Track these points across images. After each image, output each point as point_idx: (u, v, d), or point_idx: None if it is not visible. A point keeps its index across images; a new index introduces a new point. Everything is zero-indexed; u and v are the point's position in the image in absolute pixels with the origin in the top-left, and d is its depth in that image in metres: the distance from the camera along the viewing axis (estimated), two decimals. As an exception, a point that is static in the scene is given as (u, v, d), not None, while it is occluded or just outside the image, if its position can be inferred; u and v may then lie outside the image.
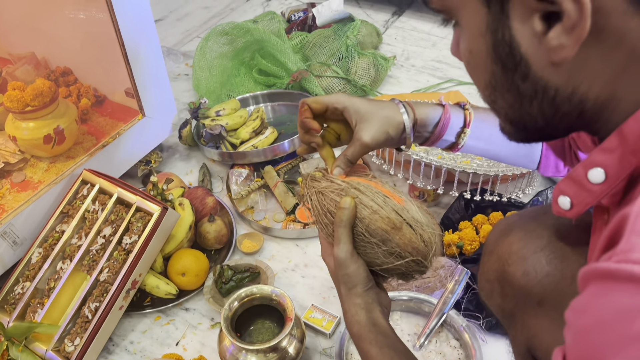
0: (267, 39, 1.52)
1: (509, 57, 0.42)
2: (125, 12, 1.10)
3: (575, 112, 0.43)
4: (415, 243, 0.63)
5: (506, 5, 0.40)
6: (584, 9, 0.36)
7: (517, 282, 0.61)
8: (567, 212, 0.48)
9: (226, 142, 1.33)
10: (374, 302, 0.65)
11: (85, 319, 0.96)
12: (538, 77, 0.42)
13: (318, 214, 0.67)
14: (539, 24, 0.39)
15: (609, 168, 0.43)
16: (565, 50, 0.39)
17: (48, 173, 1.17)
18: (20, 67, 1.35)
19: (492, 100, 0.47)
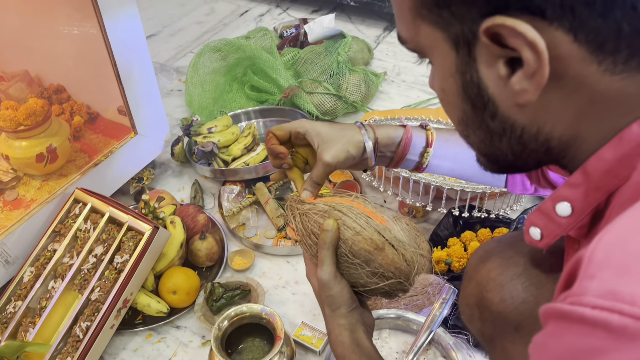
0: (259, 56, 1.54)
1: (477, 97, 0.44)
2: (116, 30, 1.11)
3: (541, 149, 0.45)
4: (398, 263, 0.64)
5: (473, 50, 0.42)
6: (542, 57, 0.38)
7: (494, 308, 0.63)
8: (538, 242, 0.50)
9: (218, 159, 1.35)
10: (357, 322, 0.67)
11: (76, 338, 0.97)
12: (505, 117, 0.44)
13: (302, 236, 0.68)
14: (504, 69, 0.41)
15: (574, 202, 0.45)
16: (527, 94, 0.40)
17: (40, 191, 1.18)
18: (13, 84, 1.36)
19: (466, 135, 0.49)
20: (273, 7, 2.17)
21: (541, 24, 0.38)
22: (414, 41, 0.46)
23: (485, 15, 0.39)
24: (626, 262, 0.32)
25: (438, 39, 0.43)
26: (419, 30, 0.45)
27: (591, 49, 0.38)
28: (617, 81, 0.39)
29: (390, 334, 0.99)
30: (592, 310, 0.32)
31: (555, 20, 0.37)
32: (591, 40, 0.38)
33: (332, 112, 1.51)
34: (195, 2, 2.24)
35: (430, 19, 0.43)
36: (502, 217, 1.16)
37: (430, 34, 0.44)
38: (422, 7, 0.43)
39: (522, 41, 0.38)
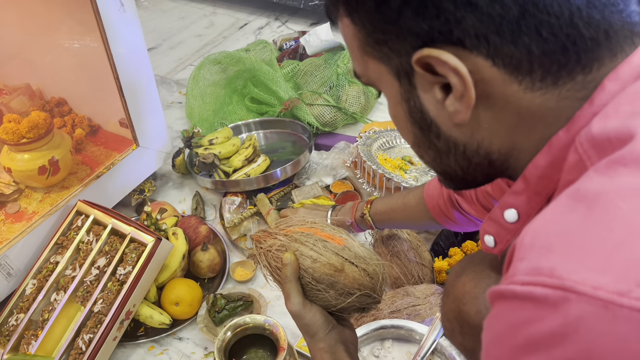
0: (259, 68, 1.55)
1: (422, 120, 0.48)
2: (118, 43, 1.12)
3: (485, 162, 0.49)
4: (360, 279, 0.68)
5: (412, 79, 0.46)
6: (466, 81, 0.42)
7: (472, 320, 0.65)
8: (492, 249, 0.54)
9: (219, 170, 1.35)
10: (337, 343, 0.70)
11: (79, 350, 0.97)
12: (448, 136, 0.48)
13: (270, 273, 0.73)
14: (439, 93, 0.45)
15: (519, 208, 0.49)
16: (460, 114, 0.45)
17: (42, 204, 1.18)
18: (15, 98, 1.37)
19: (420, 156, 0.53)
20: (272, 20, 2.19)
21: (463, 52, 0.42)
22: (366, 75, 0.51)
23: (416, 48, 0.43)
24: (548, 242, 0.36)
25: (383, 71, 0.48)
26: (367, 65, 0.49)
27: (509, 71, 0.42)
28: (538, 97, 0.43)
29: (394, 344, 0.99)
30: (521, 287, 0.35)
31: (474, 49, 0.42)
32: (508, 64, 0.42)
33: (332, 124, 1.52)
34: (194, 16, 2.26)
35: (374, 55, 0.48)
36: (502, 226, 1.16)
37: (376, 68, 0.48)
38: (366, 45, 0.47)
39: (448, 68, 0.42)
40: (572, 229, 0.35)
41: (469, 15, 0.41)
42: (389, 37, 0.45)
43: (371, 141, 1.36)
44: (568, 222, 0.36)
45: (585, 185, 0.37)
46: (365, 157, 1.25)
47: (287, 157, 1.42)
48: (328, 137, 1.51)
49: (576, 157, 0.41)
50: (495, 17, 0.40)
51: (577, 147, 0.41)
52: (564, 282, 0.33)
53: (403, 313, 1.00)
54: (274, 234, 0.73)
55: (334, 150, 1.41)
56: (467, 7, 0.40)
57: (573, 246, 0.35)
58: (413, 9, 0.42)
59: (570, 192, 0.38)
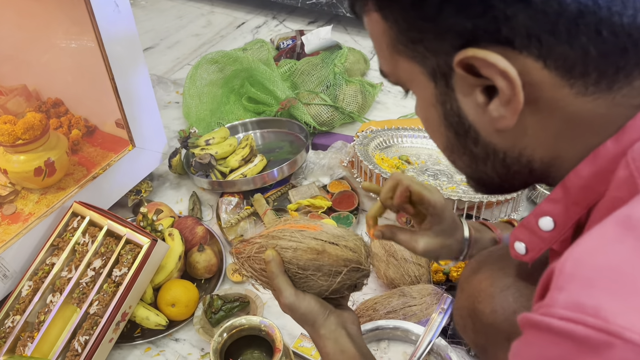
0: (256, 68, 1.55)
1: (459, 125, 0.45)
2: (113, 44, 1.12)
3: (525, 170, 0.46)
4: (343, 255, 0.68)
5: (450, 81, 0.43)
6: (515, 85, 0.39)
7: (486, 319, 0.64)
8: (523, 257, 0.52)
9: (216, 170, 1.35)
10: (337, 327, 0.68)
11: (75, 352, 0.97)
12: (487, 142, 0.45)
13: (256, 277, 0.72)
14: (481, 97, 0.42)
15: (556, 217, 0.46)
16: (505, 120, 0.42)
17: (39, 205, 1.18)
18: (11, 99, 1.37)
19: (452, 161, 0.51)
20: (270, 19, 2.18)
21: (511, 53, 0.39)
22: (394, 75, 0.48)
23: (458, 48, 0.40)
24: (592, 275, 0.33)
25: (416, 72, 0.45)
26: (397, 64, 0.46)
27: (561, 74, 0.39)
28: (589, 102, 0.40)
29: (390, 345, 0.99)
30: (559, 321, 0.33)
31: (524, 49, 0.39)
32: (560, 66, 0.39)
33: (329, 123, 1.52)
34: (192, 15, 2.25)
35: (406, 54, 0.44)
36: (499, 226, 1.16)
37: (408, 67, 0.45)
38: (397, 43, 0.44)
39: (495, 71, 0.39)
40: (621, 264, 0.33)
41: (520, 12, 0.37)
42: (425, 36, 0.42)
43: (368, 141, 1.36)
44: (616, 254, 0.33)
45: (637, 213, 0.35)
46: (362, 156, 1.25)
47: (284, 157, 1.42)
48: (325, 137, 1.50)
49: (627, 173, 0.38)
50: (551, 15, 0.37)
51: (629, 162, 0.38)
52: (609, 325, 0.31)
53: (399, 313, 1.00)
54: (251, 240, 0.74)
55: (331, 150, 1.41)
56: (519, 4, 0.37)
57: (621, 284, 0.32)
58: (455, 6, 0.39)
59: (620, 218, 0.35)
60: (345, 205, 1.28)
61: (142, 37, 1.20)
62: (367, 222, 0.75)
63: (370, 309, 1.01)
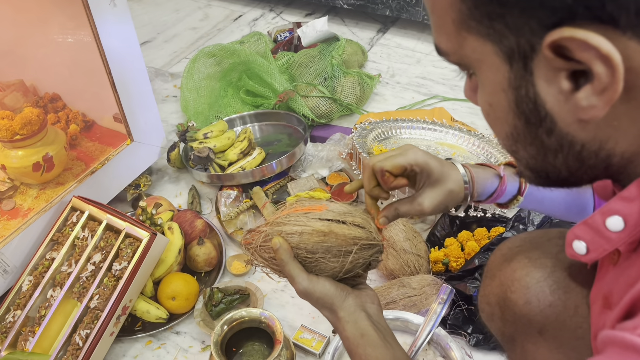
0: (254, 60, 1.55)
1: (532, 112, 0.41)
2: (110, 38, 1.12)
3: (601, 165, 0.42)
4: (352, 233, 0.66)
5: (529, 64, 0.38)
6: (617, 72, 0.35)
7: (518, 310, 0.62)
8: (582, 257, 0.48)
9: (214, 164, 1.35)
10: (356, 309, 0.65)
11: (76, 346, 0.97)
12: (564, 133, 0.41)
13: (269, 266, 0.70)
14: (566, 83, 0.37)
15: (628, 217, 0.42)
16: (595, 110, 0.37)
17: (38, 200, 1.18)
18: (8, 94, 1.37)
19: (514, 151, 0.46)
20: (267, 11, 2.18)
21: (613, 34, 0.34)
22: (458, 54, 0.43)
23: (549, 26, 0.35)
24: None
25: (487, 52, 0.40)
26: (464, 42, 0.41)
27: None
28: None
29: (390, 335, 1.00)
30: None
31: (629, 29, 0.34)
32: None
33: (327, 115, 1.51)
34: (189, 8, 2.24)
35: (479, 31, 0.40)
36: (498, 216, 1.16)
37: (478, 47, 0.41)
38: (469, 18, 0.39)
39: (594, 54, 0.35)
40: None
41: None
42: (509, 11, 0.37)
43: (367, 132, 1.35)
44: None
45: None
46: (361, 148, 1.25)
47: (282, 150, 1.42)
48: (323, 129, 1.50)
49: None
50: None
51: None
52: None
53: (399, 304, 1.00)
54: (257, 229, 0.72)
55: (330, 142, 1.41)
56: None
57: None
58: None
59: None
60: (345, 197, 1.28)
61: (138, 31, 1.20)
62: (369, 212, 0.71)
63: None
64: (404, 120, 1.42)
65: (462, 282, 1.02)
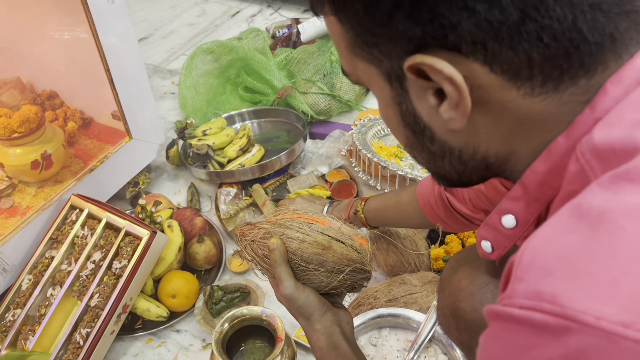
0: (252, 57, 1.54)
1: (415, 124, 0.47)
2: (108, 35, 1.11)
3: (481, 166, 0.47)
4: (348, 254, 0.69)
5: (404, 83, 0.44)
6: (462, 90, 0.40)
7: (468, 317, 0.65)
8: (490, 255, 0.53)
9: (213, 161, 1.35)
10: (332, 324, 0.70)
11: (76, 345, 0.97)
12: (442, 140, 0.46)
13: (257, 262, 0.72)
14: (433, 99, 0.43)
15: (517, 214, 0.48)
16: (456, 122, 0.43)
17: (36, 198, 1.17)
18: (6, 91, 1.35)
19: (414, 156, 0.52)
20: (265, 7, 2.17)
21: (458, 58, 0.40)
22: (354, 75, 0.49)
23: (409, 53, 0.41)
24: (548, 263, 0.34)
25: (373, 73, 0.46)
26: (356, 65, 0.47)
27: (507, 77, 0.40)
28: (538, 102, 0.41)
29: (391, 332, 1.00)
30: (519, 310, 0.34)
31: (471, 55, 0.40)
32: (506, 70, 0.40)
33: (326, 112, 1.51)
34: (186, 4, 2.23)
35: (363, 56, 0.45)
36: (498, 212, 1.16)
37: (365, 69, 0.46)
38: (355, 45, 0.45)
39: (442, 76, 0.40)
40: (575, 252, 0.34)
41: (465, 20, 0.38)
42: (379, 40, 0.43)
43: (366, 129, 1.35)
44: (570, 243, 0.34)
45: (587, 201, 0.36)
46: (361, 145, 1.25)
47: (281, 147, 1.41)
48: (323, 126, 1.50)
49: (578, 167, 0.39)
50: (494, 23, 0.38)
51: (578, 157, 0.39)
52: (566, 310, 0.32)
53: (400, 301, 1.00)
54: (257, 224, 0.73)
55: (329, 139, 1.41)
56: (464, 12, 0.38)
57: (575, 271, 0.33)
58: (405, 12, 0.39)
59: (572, 208, 0.36)
60: (344, 194, 1.28)
61: (135, 27, 1.19)
62: None
63: (372, 297, 1.01)
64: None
65: (463, 279, 1.02)
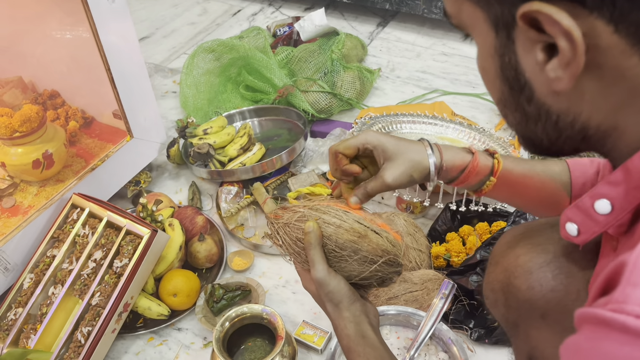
0: (253, 55, 1.54)
1: (515, 80, 0.44)
2: (108, 34, 1.11)
3: (578, 137, 0.44)
4: (383, 245, 0.67)
5: (512, 33, 0.41)
6: (577, 47, 0.37)
7: (521, 295, 0.63)
8: (574, 238, 0.50)
9: (214, 160, 1.35)
10: (361, 314, 0.67)
11: (78, 343, 0.97)
12: (541, 102, 0.44)
13: (289, 245, 0.70)
14: (541, 55, 0.40)
15: (614, 200, 0.44)
16: (562, 82, 0.40)
17: (38, 197, 1.18)
18: (7, 91, 1.36)
19: (504, 115, 0.49)
20: (266, 5, 2.17)
21: (581, 12, 0.37)
22: (457, 18, 0.46)
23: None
24: None
25: (479, 18, 0.43)
26: (462, 7, 0.45)
27: (632, 42, 0.37)
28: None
29: (391, 330, 1.00)
30: (635, 320, 0.31)
31: (596, 10, 0.37)
32: (632, 33, 0.37)
33: (327, 110, 1.51)
34: (187, 3, 2.23)
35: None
36: (499, 210, 1.16)
37: (472, 12, 0.44)
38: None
39: (558, 29, 0.37)
40: None
41: None
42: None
43: (367, 127, 1.35)
44: None
45: None
46: (361, 143, 1.24)
47: (282, 145, 1.41)
48: (324, 124, 1.50)
49: None
50: None
51: None
52: None
53: (401, 299, 1.00)
54: (293, 207, 0.71)
55: (330, 137, 1.41)
56: None
57: None
58: None
59: None
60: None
61: (137, 26, 1.19)
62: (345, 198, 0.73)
63: (372, 295, 1.01)
64: (405, 115, 1.41)
65: (464, 276, 1.02)
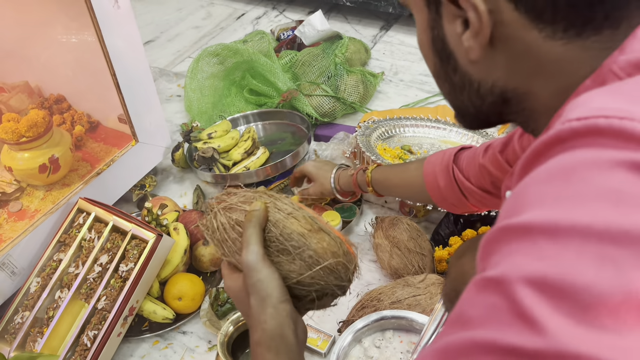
0: (257, 59, 1.55)
1: (442, 51, 0.50)
2: (114, 39, 1.12)
3: (499, 100, 0.49)
4: (334, 249, 0.57)
5: (440, 8, 0.48)
6: (483, 19, 0.43)
7: None
8: None
9: (219, 164, 1.36)
10: (288, 317, 0.56)
11: (84, 347, 0.98)
12: (464, 71, 0.49)
13: (223, 230, 0.59)
14: (459, 27, 0.46)
15: None
16: (474, 51, 0.46)
17: (44, 202, 1.19)
18: (14, 96, 1.37)
19: (439, 86, 0.54)
20: (269, 9, 2.18)
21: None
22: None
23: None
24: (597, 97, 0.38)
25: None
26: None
27: (530, 18, 0.42)
28: (559, 46, 0.43)
29: (394, 334, 1.00)
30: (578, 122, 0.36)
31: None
32: (530, 10, 0.42)
33: (331, 114, 1.52)
34: (191, 7, 2.25)
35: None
36: (502, 214, 1.16)
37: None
38: None
39: (469, 4, 0.43)
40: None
41: None
42: None
43: (370, 131, 1.36)
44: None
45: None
46: (365, 147, 1.25)
47: (286, 149, 1.42)
48: (327, 128, 1.50)
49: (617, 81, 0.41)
50: None
51: (616, 72, 0.40)
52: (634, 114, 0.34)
53: (404, 303, 1.01)
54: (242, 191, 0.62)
55: (334, 141, 1.41)
56: None
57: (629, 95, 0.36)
58: None
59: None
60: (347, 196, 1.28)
61: (141, 30, 1.20)
62: None
63: (375, 299, 1.02)
64: (408, 119, 1.42)
65: (467, 281, 1.03)
